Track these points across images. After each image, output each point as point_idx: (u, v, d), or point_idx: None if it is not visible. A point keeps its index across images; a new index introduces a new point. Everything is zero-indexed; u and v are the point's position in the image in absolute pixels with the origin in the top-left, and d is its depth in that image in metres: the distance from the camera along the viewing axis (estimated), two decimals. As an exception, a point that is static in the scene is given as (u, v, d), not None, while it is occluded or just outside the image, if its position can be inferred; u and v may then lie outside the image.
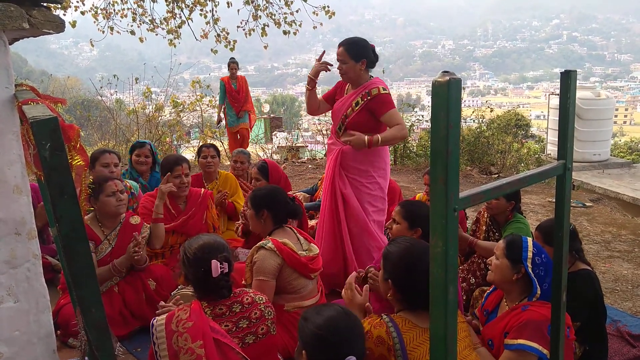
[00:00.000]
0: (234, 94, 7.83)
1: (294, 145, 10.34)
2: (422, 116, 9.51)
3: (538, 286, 2.15)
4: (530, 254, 2.19)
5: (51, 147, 0.99)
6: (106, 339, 1.11)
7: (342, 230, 3.35)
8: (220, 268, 2.02)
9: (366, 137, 3.17)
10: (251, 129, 8.47)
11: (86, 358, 1.72)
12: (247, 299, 2.12)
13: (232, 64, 7.83)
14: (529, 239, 2.26)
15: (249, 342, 2.06)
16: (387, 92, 3.26)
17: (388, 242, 2.14)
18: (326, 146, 9.46)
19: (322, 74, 3.49)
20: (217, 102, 8.05)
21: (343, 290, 2.20)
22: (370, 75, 3.34)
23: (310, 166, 8.50)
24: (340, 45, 3.27)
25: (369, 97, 3.23)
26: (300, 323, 1.71)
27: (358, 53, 3.23)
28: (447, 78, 0.87)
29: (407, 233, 2.60)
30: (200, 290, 2.09)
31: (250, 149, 8.11)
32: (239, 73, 8.11)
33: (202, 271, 2.01)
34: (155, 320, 1.95)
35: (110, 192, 2.97)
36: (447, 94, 0.86)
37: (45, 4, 1.41)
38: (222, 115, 8.03)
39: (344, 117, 3.32)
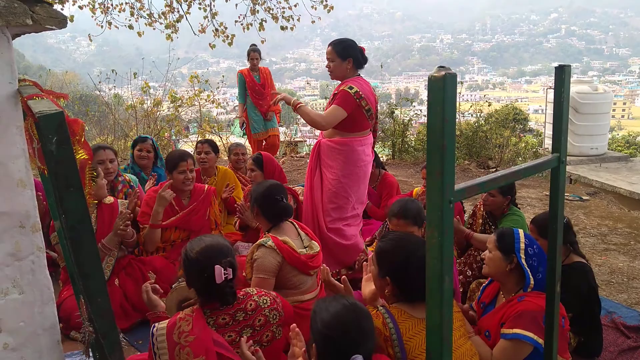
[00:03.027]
0: (257, 89, 6.33)
1: (292, 139, 10.34)
2: (420, 110, 9.51)
3: (531, 276, 2.19)
4: (522, 245, 2.23)
5: (57, 141, 1.01)
6: (112, 328, 1.14)
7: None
8: (225, 274, 1.89)
9: (293, 99, 3.45)
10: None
11: (89, 350, 1.74)
12: (250, 304, 2.02)
13: (253, 53, 6.36)
14: (520, 231, 2.31)
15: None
16: (353, 91, 3.24)
17: (379, 239, 2.15)
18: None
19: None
20: (237, 100, 6.55)
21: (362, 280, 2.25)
22: (357, 75, 3.39)
23: (308, 161, 8.53)
24: (329, 44, 3.37)
25: (335, 95, 3.36)
26: (311, 316, 1.67)
27: (345, 52, 3.30)
28: (443, 73, 0.90)
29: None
30: (203, 296, 1.97)
31: (247, 143, 7.80)
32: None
33: (205, 277, 1.90)
34: (155, 329, 1.87)
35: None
36: (443, 89, 0.89)
37: (47, 0, 1.43)
38: (244, 118, 6.54)
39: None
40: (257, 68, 6.38)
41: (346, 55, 3.30)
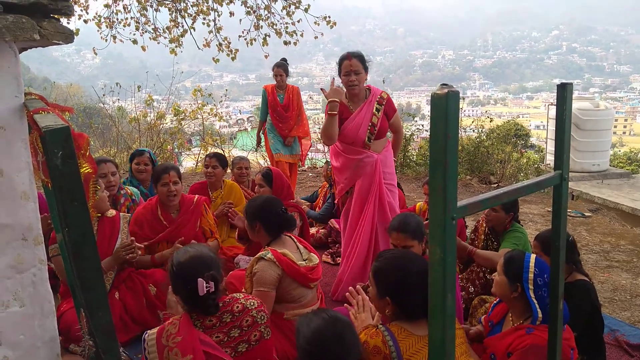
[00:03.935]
0: (279, 110, 5.64)
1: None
2: (422, 125, 9.55)
3: (539, 310, 2.08)
4: (531, 275, 2.12)
5: (63, 155, 1.02)
6: (113, 343, 1.13)
7: (377, 245, 3.39)
8: (207, 287, 1.95)
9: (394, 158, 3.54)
10: (304, 157, 6.24)
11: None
12: (237, 307, 2.08)
13: (277, 68, 5.61)
14: (532, 257, 2.19)
15: (241, 350, 2.05)
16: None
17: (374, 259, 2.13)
18: (327, 155, 9.42)
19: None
20: (259, 118, 5.94)
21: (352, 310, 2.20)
22: None
23: (310, 174, 8.53)
24: (350, 57, 3.25)
25: (384, 102, 3.35)
26: (295, 332, 1.69)
27: (366, 64, 3.33)
28: (446, 91, 0.91)
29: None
30: (188, 304, 2.04)
31: (250, 157, 7.80)
32: (290, 82, 5.82)
33: (189, 288, 1.97)
34: (146, 335, 1.95)
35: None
36: (445, 106, 0.89)
37: (55, 16, 1.45)
38: (262, 135, 5.96)
39: (372, 126, 3.34)
40: (284, 86, 5.69)
41: (366, 67, 3.33)
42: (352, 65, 3.22)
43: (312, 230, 4.72)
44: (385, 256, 2.03)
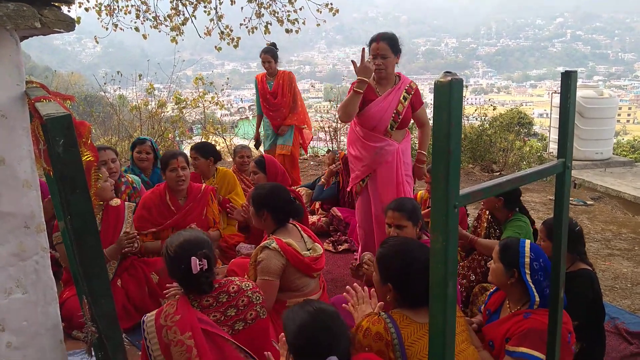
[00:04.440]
0: (268, 98, 5.39)
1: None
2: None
3: (536, 294, 2.11)
4: (527, 260, 2.14)
5: (64, 143, 1.02)
6: (115, 329, 1.14)
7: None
8: (200, 265, 2.05)
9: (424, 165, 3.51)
10: (305, 149, 6.05)
11: (92, 349, 1.75)
12: (233, 287, 2.16)
13: (265, 55, 5.36)
14: (527, 243, 2.21)
15: (238, 328, 2.11)
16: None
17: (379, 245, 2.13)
18: (329, 143, 9.38)
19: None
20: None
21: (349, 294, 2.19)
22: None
23: (312, 162, 8.53)
24: (379, 39, 3.10)
25: (412, 91, 3.22)
26: (283, 328, 1.69)
27: (397, 47, 3.15)
28: (449, 78, 0.90)
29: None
30: (184, 285, 2.14)
31: (251, 145, 7.70)
32: (282, 68, 5.53)
33: (183, 268, 2.05)
34: (145, 317, 2.02)
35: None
36: (449, 94, 0.89)
37: (56, 3, 1.44)
38: (260, 130, 5.72)
39: (396, 114, 3.23)
40: (274, 73, 5.41)
41: (398, 51, 3.14)
42: (379, 48, 3.08)
43: (314, 218, 4.73)
44: (389, 243, 2.04)
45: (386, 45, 3.06)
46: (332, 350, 1.58)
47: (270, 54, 5.36)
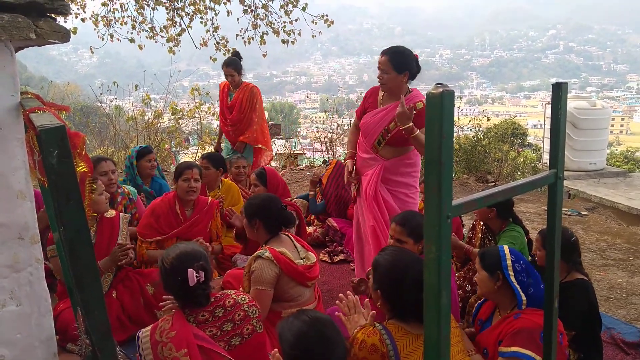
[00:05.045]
0: (224, 112, 5.06)
1: (292, 152, 10.37)
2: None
3: (522, 293, 2.17)
4: (509, 262, 2.21)
5: (58, 155, 1.02)
6: (108, 341, 1.14)
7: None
8: (197, 277, 2.03)
9: (411, 123, 2.93)
10: (254, 168, 5.04)
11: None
12: (229, 301, 2.14)
13: (227, 68, 4.97)
14: (505, 247, 2.28)
15: (235, 343, 2.09)
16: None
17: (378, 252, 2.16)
18: (324, 154, 9.39)
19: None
20: (217, 109, 5.47)
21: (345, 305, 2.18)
22: (408, 87, 3.16)
23: (308, 173, 8.54)
24: (383, 53, 3.06)
25: (414, 112, 2.96)
26: (278, 338, 1.68)
27: (401, 65, 3.02)
28: (441, 90, 0.91)
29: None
30: (180, 299, 2.11)
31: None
32: (247, 80, 5.18)
33: (179, 280, 2.03)
34: (140, 333, 2.00)
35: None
36: (440, 106, 0.90)
37: (51, 15, 1.45)
38: (221, 144, 5.38)
39: (385, 131, 3.11)
40: (238, 84, 4.98)
41: (402, 69, 3.02)
42: (380, 62, 3.05)
43: (310, 229, 4.73)
44: (387, 251, 2.07)
45: (387, 61, 3.03)
46: (330, 358, 1.58)
47: (232, 66, 4.97)
